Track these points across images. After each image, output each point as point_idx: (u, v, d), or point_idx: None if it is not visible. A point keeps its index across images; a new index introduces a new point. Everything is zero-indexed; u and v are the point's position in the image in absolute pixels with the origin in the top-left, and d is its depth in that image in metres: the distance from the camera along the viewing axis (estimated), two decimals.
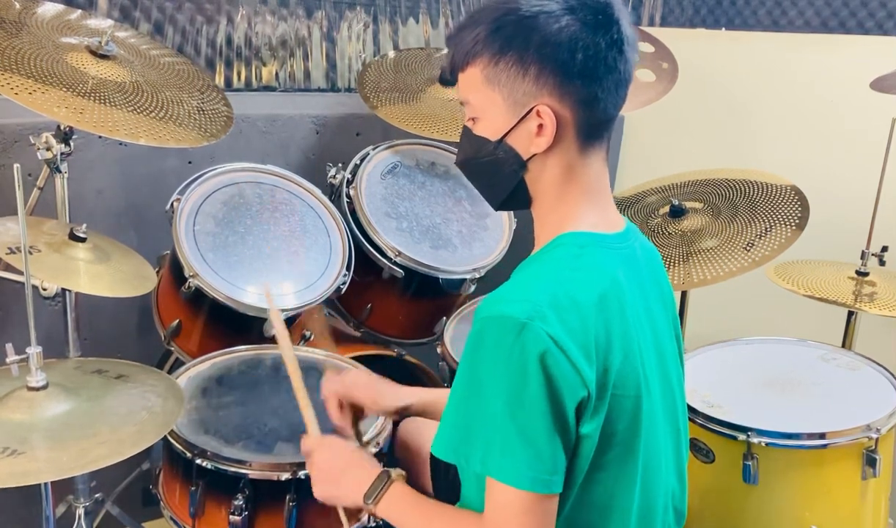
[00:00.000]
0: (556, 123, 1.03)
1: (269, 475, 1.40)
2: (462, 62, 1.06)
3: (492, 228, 2.14)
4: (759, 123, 2.61)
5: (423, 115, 2.15)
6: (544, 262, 1.07)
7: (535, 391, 0.94)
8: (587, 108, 1.03)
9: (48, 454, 1.18)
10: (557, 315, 0.96)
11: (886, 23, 2.55)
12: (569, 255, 1.05)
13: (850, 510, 1.56)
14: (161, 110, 1.70)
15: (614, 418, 1.01)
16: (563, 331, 0.95)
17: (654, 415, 1.09)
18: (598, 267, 1.04)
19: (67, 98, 1.54)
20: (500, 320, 0.97)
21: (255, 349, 1.76)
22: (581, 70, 1.00)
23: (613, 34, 1.01)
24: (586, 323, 0.98)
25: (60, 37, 1.72)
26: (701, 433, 1.59)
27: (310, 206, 1.96)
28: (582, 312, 0.98)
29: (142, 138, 1.58)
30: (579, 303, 0.98)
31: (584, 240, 1.06)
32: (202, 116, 1.78)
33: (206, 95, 1.88)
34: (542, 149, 1.05)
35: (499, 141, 1.07)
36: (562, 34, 0.99)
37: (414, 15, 2.64)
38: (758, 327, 1.98)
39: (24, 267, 1.25)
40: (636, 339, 1.05)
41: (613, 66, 1.02)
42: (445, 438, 1.03)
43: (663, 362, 1.14)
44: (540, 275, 1.04)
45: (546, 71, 1.01)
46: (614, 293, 1.03)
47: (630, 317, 1.05)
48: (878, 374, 1.71)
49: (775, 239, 1.84)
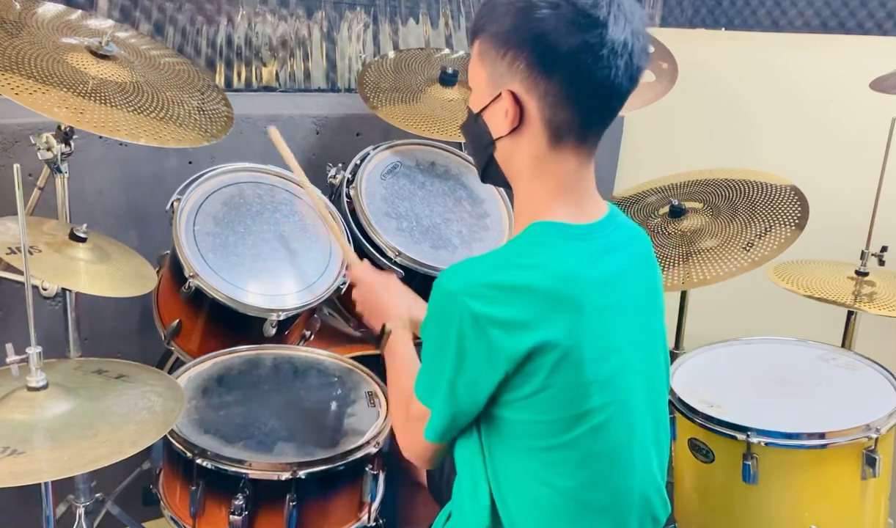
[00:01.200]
0: (518, 110, 1.06)
1: (270, 474, 1.40)
2: (471, 36, 1.12)
3: (492, 228, 2.14)
4: (758, 123, 2.61)
5: (423, 115, 2.15)
6: (505, 246, 1.12)
7: (450, 351, 1.06)
8: (553, 104, 1.04)
9: (48, 454, 1.18)
10: (488, 296, 1.02)
11: (886, 23, 2.55)
12: (528, 242, 1.09)
13: (849, 510, 1.56)
14: (161, 111, 1.70)
15: (558, 405, 1.06)
16: (488, 311, 1.02)
17: (634, 403, 1.12)
18: (554, 260, 1.06)
19: (68, 98, 1.54)
20: (441, 286, 1.07)
21: (256, 349, 1.76)
22: (549, 66, 1.02)
23: (591, 38, 0.99)
24: (518, 309, 1.02)
25: (61, 37, 1.73)
26: (701, 433, 1.59)
27: (310, 206, 1.96)
28: (518, 297, 1.02)
29: (142, 138, 1.58)
30: (516, 289, 1.03)
31: (549, 230, 1.09)
32: (202, 117, 1.78)
33: (207, 95, 1.88)
34: (505, 132, 1.09)
35: (477, 114, 1.12)
36: (538, 25, 1.01)
37: (414, 15, 2.65)
38: (758, 327, 1.98)
39: (25, 267, 1.25)
40: (597, 328, 1.07)
41: (585, 69, 1.00)
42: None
43: (649, 344, 1.17)
44: (493, 256, 1.10)
45: (519, 58, 1.04)
46: (566, 288, 1.04)
47: (592, 306, 1.06)
48: (877, 374, 1.71)
49: (775, 239, 1.84)
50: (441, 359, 1.08)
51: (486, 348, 1.03)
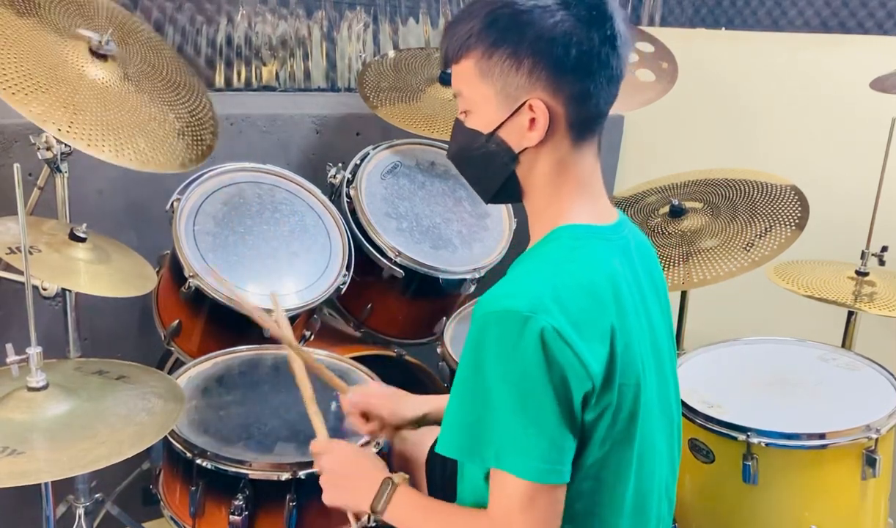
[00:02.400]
0: (548, 117, 1.03)
1: (270, 475, 1.40)
2: (456, 55, 1.07)
3: (492, 228, 2.14)
4: (758, 122, 2.61)
5: (423, 115, 2.15)
6: (542, 255, 1.07)
7: (542, 383, 0.95)
8: (579, 103, 1.04)
9: (48, 454, 1.18)
10: (559, 307, 0.96)
11: (886, 23, 2.55)
12: (565, 247, 1.05)
13: (849, 510, 1.56)
14: (148, 124, 1.65)
15: (618, 409, 1.02)
16: (567, 323, 0.96)
17: (650, 406, 1.09)
18: (595, 259, 1.05)
19: (60, 105, 1.52)
20: (502, 314, 0.96)
21: (256, 349, 1.76)
22: (574, 65, 1.01)
23: (607, 30, 1.01)
24: (588, 314, 0.99)
25: (61, 37, 1.72)
26: (700, 433, 1.59)
27: (310, 206, 1.96)
28: (582, 303, 0.99)
29: (126, 160, 1.55)
30: (579, 294, 0.99)
31: (579, 232, 1.07)
32: (180, 141, 1.73)
33: (197, 107, 1.83)
34: (534, 143, 1.05)
35: (491, 134, 1.08)
36: (556, 29, 1.00)
37: (414, 15, 2.64)
38: (758, 327, 1.98)
39: (25, 267, 1.25)
40: (634, 329, 1.06)
41: (606, 61, 1.02)
42: (453, 436, 1.03)
43: (658, 352, 1.14)
44: (539, 268, 1.04)
45: (540, 65, 1.02)
46: (612, 284, 1.03)
47: (627, 307, 1.05)
48: (877, 374, 1.71)
49: (775, 239, 1.84)
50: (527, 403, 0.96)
51: (577, 365, 0.96)
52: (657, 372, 1.13)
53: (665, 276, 1.20)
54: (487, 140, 1.08)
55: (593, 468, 1.04)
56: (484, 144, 1.09)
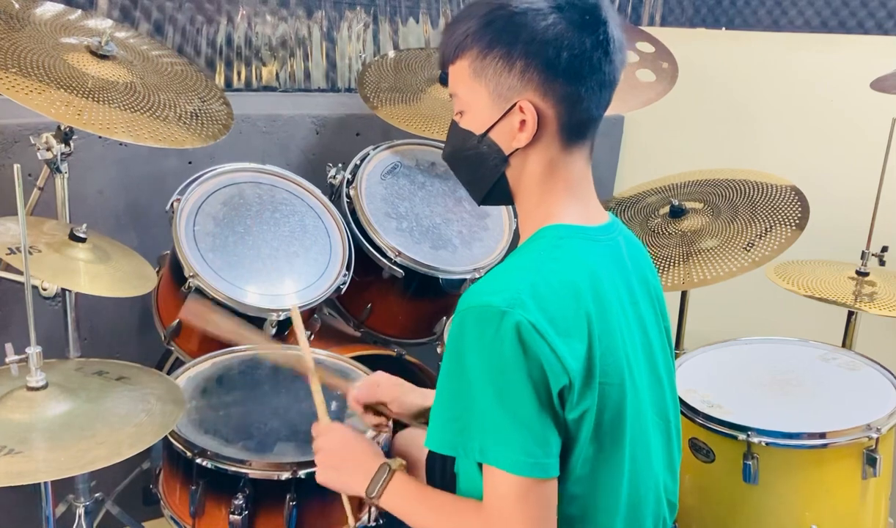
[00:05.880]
0: (537, 118, 1.04)
1: (270, 474, 1.40)
2: (452, 55, 1.08)
3: (492, 228, 2.14)
4: (759, 123, 2.61)
5: (423, 115, 2.15)
6: (524, 253, 1.08)
7: (520, 377, 0.96)
8: (570, 106, 1.04)
9: (47, 454, 1.18)
10: (536, 303, 0.97)
11: (886, 23, 2.55)
12: (548, 246, 1.06)
13: (850, 509, 1.56)
14: (160, 110, 1.69)
15: (601, 408, 1.02)
16: (543, 318, 0.96)
17: (641, 407, 1.09)
18: (577, 257, 1.05)
19: (67, 98, 1.54)
20: (480, 309, 0.98)
21: (256, 349, 1.76)
22: (565, 69, 1.02)
23: (600, 35, 1.02)
24: (565, 311, 0.99)
25: (60, 37, 1.72)
26: (701, 433, 1.59)
27: (310, 206, 1.96)
28: (560, 300, 0.99)
29: (143, 139, 1.57)
30: (558, 291, 1.00)
31: (564, 232, 1.07)
32: (202, 117, 1.78)
33: (206, 94, 1.87)
34: (523, 144, 1.06)
35: (483, 135, 1.09)
36: (548, 32, 1.01)
37: (414, 15, 2.64)
38: (758, 327, 1.98)
39: (24, 267, 1.25)
40: (618, 330, 1.06)
41: (598, 66, 1.03)
42: (439, 431, 1.04)
43: (651, 353, 1.14)
44: (519, 265, 1.05)
45: (531, 67, 1.02)
46: (593, 283, 1.03)
47: (610, 308, 1.05)
48: (878, 374, 1.71)
49: (775, 239, 1.84)
50: (506, 397, 0.96)
51: (553, 359, 0.96)
52: (650, 373, 1.13)
53: (665, 276, 1.20)
54: (479, 141, 1.09)
55: (584, 471, 1.04)
56: (476, 145, 1.10)
